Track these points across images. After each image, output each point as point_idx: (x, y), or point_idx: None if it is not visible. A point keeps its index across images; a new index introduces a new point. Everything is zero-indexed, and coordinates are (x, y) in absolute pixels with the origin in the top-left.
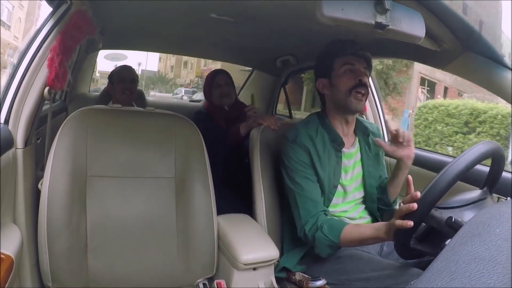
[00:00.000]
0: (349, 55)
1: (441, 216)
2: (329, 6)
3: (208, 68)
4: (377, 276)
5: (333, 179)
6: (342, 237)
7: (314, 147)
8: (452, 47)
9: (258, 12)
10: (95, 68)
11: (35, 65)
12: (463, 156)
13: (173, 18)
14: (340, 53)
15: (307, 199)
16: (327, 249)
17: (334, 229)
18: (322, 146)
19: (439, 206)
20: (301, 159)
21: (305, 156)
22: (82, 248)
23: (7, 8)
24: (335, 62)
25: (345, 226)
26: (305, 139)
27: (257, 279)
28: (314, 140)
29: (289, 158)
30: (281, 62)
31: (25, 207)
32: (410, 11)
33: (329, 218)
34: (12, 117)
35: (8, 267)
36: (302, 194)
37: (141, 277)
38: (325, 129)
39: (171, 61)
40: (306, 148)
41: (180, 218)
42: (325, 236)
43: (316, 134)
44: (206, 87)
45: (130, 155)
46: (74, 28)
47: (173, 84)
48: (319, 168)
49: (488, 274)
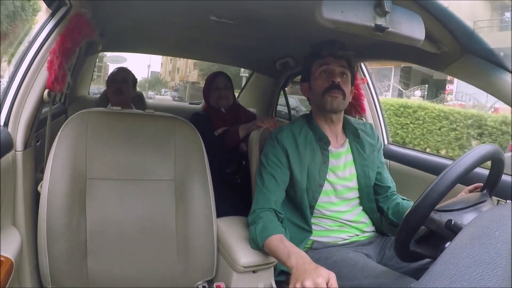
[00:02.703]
0: (327, 56)
1: (440, 219)
2: (329, 9)
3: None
4: (369, 283)
5: (318, 178)
6: (266, 243)
7: (295, 144)
8: (451, 49)
9: (258, 15)
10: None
11: (35, 68)
12: (463, 159)
13: (172, 20)
14: (317, 56)
15: (262, 192)
16: (253, 243)
17: (264, 231)
18: (304, 143)
19: (439, 209)
20: (276, 156)
21: (282, 155)
22: (82, 250)
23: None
24: (313, 65)
25: (273, 235)
26: (286, 136)
27: (257, 282)
28: (296, 137)
29: (265, 153)
30: (280, 65)
31: (24, 210)
32: (410, 14)
33: (269, 219)
34: (12, 119)
35: (7, 269)
36: (260, 187)
37: (141, 280)
38: (311, 129)
39: (168, 67)
40: (284, 148)
41: (180, 221)
42: (254, 233)
43: (300, 132)
44: (205, 89)
45: (130, 158)
46: (73, 30)
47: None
48: (297, 167)
49: (488, 277)
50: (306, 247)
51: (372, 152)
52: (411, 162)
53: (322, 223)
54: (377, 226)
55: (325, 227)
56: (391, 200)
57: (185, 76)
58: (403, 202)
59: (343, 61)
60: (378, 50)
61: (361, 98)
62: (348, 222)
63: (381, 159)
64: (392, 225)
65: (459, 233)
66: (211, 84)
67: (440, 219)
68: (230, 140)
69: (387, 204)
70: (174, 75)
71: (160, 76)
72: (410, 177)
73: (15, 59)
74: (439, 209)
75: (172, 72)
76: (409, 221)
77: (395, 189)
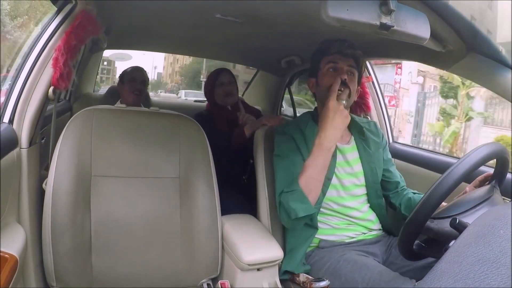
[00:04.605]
0: (335, 54)
1: (437, 227)
2: (334, 7)
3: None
4: (367, 283)
5: (327, 172)
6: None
7: (303, 136)
8: (456, 48)
9: (263, 13)
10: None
11: (40, 65)
12: (466, 159)
13: (178, 18)
14: (326, 52)
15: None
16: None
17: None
18: (311, 137)
19: (435, 217)
20: (289, 144)
21: (294, 144)
22: (86, 247)
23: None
24: (321, 61)
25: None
26: (293, 129)
27: (261, 280)
28: (303, 130)
29: (278, 145)
30: (286, 63)
31: (29, 207)
32: (415, 12)
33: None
34: (17, 116)
35: (12, 266)
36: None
37: (145, 277)
38: (317, 124)
39: (169, 70)
40: (292, 138)
41: (184, 218)
42: (286, 192)
43: (306, 127)
44: (208, 87)
45: (135, 155)
46: (79, 28)
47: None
48: (307, 156)
49: (492, 276)
50: (312, 246)
51: (377, 149)
52: (416, 160)
53: (329, 221)
54: (384, 223)
55: (331, 225)
56: (402, 195)
57: (180, 78)
58: (415, 196)
59: (351, 59)
60: (383, 48)
61: (366, 97)
62: (355, 219)
63: (388, 156)
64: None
65: (463, 232)
66: (215, 81)
67: (437, 227)
68: (237, 140)
69: (399, 200)
70: (173, 78)
71: (162, 78)
72: (415, 175)
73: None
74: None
75: (171, 75)
76: (411, 224)
77: (404, 184)
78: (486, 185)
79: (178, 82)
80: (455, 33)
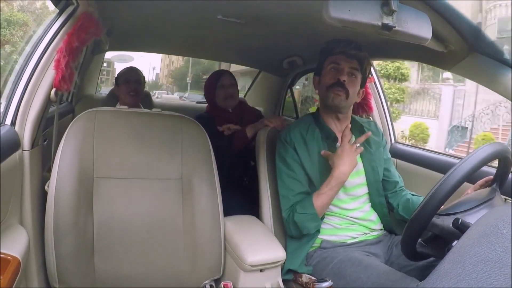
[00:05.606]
0: (339, 54)
1: (442, 223)
2: (336, 7)
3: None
4: (372, 283)
5: (327, 174)
6: (315, 204)
7: (304, 142)
8: (458, 48)
9: (265, 13)
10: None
11: (42, 67)
12: (469, 159)
13: (179, 19)
14: (330, 52)
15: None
16: (310, 222)
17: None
18: (312, 140)
19: (441, 213)
20: (292, 157)
21: (296, 156)
22: (89, 249)
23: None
24: (325, 61)
25: (312, 199)
26: (295, 137)
27: (264, 281)
28: (304, 136)
29: (281, 157)
30: (287, 63)
31: (31, 209)
32: (417, 13)
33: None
34: (19, 118)
35: (15, 268)
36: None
37: (148, 279)
38: (318, 126)
39: (165, 72)
40: (295, 148)
41: (187, 220)
42: (301, 214)
43: (307, 131)
44: (208, 89)
45: (137, 157)
46: (80, 29)
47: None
48: (308, 165)
49: (495, 276)
50: (314, 246)
51: (377, 148)
52: (418, 160)
53: (330, 221)
54: (385, 223)
55: (333, 225)
56: (400, 196)
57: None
58: (413, 198)
59: (355, 61)
60: (385, 49)
61: (368, 97)
62: (357, 219)
63: (387, 155)
64: (403, 221)
65: (466, 232)
66: (216, 83)
67: (443, 223)
68: (238, 142)
69: (397, 200)
70: (168, 79)
71: (159, 79)
72: (417, 176)
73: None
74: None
75: (167, 76)
76: (414, 223)
77: (403, 184)
78: (487, 187)
79: (170, 83)
80: (457, 33)
